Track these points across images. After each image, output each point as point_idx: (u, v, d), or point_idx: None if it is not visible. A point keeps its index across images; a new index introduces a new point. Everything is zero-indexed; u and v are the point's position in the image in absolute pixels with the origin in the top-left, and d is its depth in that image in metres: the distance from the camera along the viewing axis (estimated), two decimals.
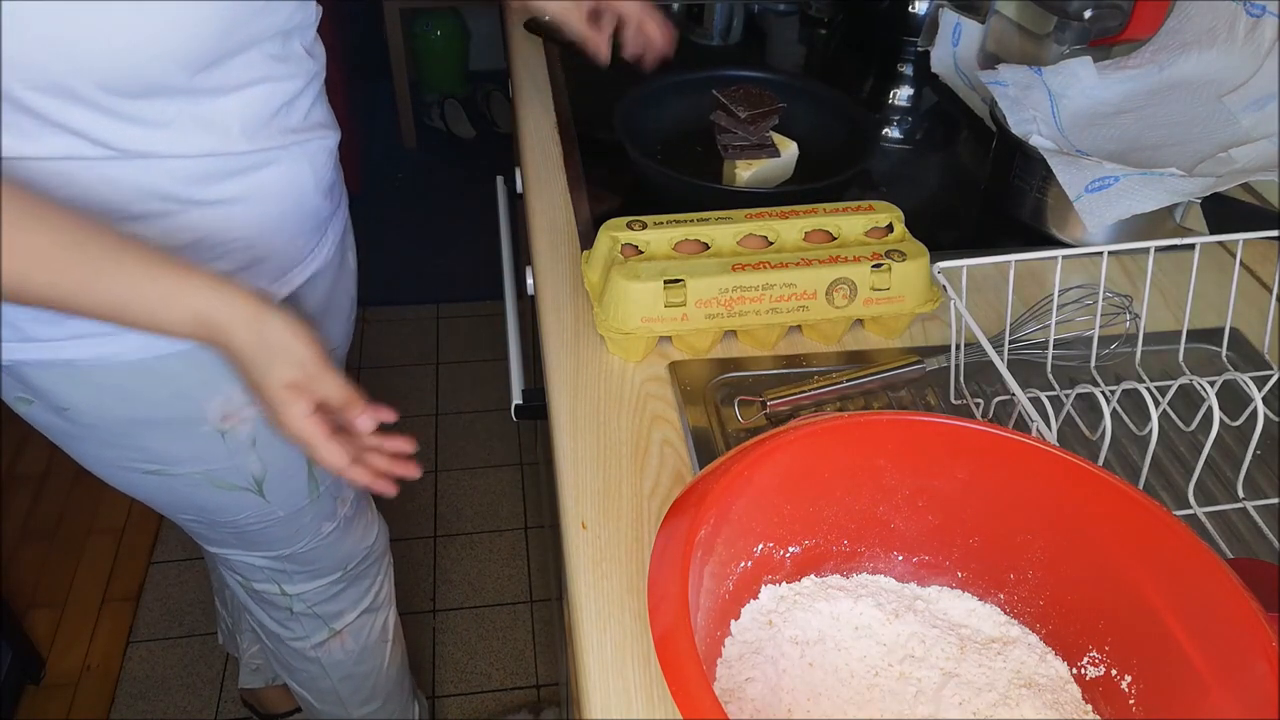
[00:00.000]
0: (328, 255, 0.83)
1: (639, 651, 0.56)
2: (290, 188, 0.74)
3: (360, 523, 1.01)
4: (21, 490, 1.76)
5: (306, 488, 0.89)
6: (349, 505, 0.97)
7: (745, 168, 0.90)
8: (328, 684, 1.12)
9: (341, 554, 1.00)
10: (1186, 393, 0.73)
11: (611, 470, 0.66)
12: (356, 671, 1.12)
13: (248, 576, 0.98)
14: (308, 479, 0.88)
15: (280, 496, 0.87)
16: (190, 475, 0.80)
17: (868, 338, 0.77)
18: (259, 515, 0.87)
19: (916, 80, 1.19)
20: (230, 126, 0.67)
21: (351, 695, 1.14)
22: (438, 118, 2.81)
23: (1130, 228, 0.86)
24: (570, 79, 1.11)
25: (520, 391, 0.90)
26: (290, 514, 0.89)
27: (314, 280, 0.82)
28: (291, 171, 0.73)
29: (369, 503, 1.05)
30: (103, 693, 1.48)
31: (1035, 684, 0.51)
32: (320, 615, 1.04)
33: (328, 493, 0.92)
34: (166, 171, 0.65)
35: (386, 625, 1.14)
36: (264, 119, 0.69)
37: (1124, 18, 0.97)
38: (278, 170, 0.72)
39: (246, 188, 0.70)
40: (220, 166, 0.67)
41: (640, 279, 0.71)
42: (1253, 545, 0.63)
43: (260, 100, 0.68)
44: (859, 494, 0.55)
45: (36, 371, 0.71)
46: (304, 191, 0.75)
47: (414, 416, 1.96)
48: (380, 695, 1.18)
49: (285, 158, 0.72)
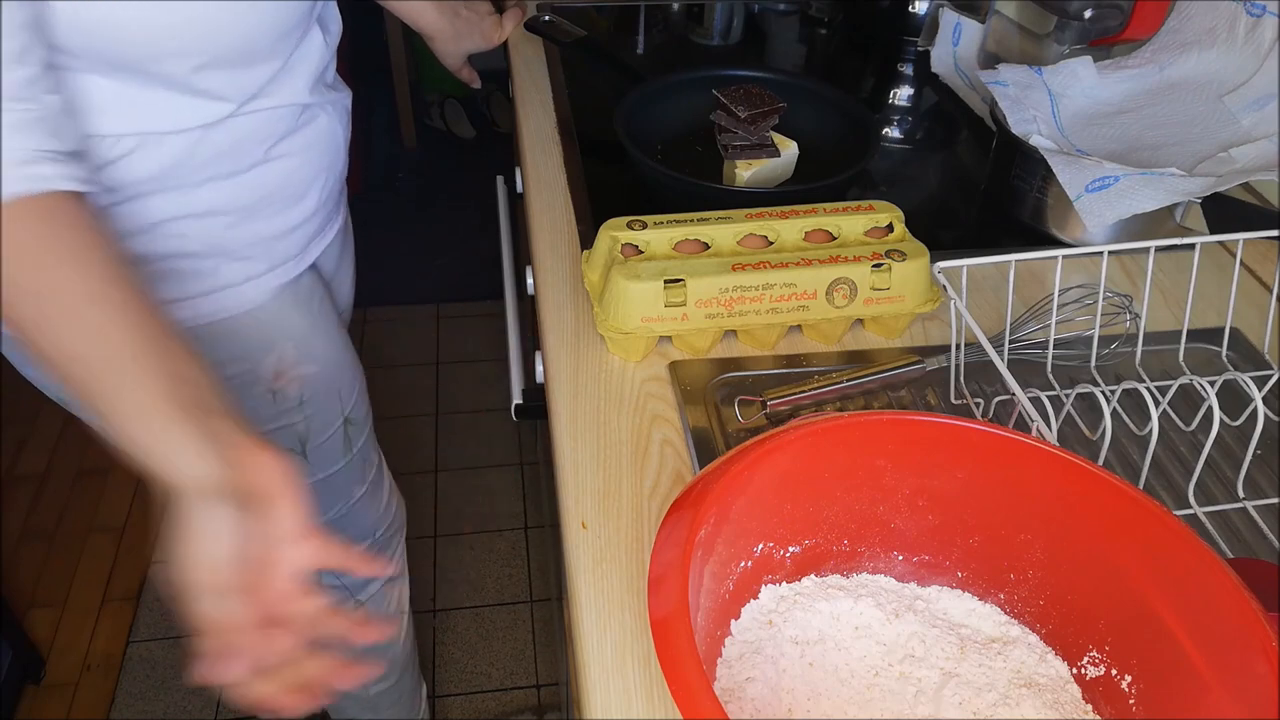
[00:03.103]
0: (345, 213, 0.89)
1: (639, 651, 0.56)
2: (331, 140, 0.79)
3: (384, 489, 1.04)
4: (21, 490, 1.76)
5: (341, 448, 0.91)
6: (374, 469, 1.00)
7: (745, 168, 0.90)
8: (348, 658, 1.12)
9: (369, 521, 1.02)
10: (1186, 393, 0.73)
11: (611, 470, 0.66)
12: (375, 645, 1.13)
13: None
14: (343, 439, 0.91)
15: (319, 457, 0.89)
16: None
17: (868, 338, 0.77)
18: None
19: (916, 80, 1.19)
20: (299, 83, 0.72)
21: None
22: (438, 118, 2.81)
23: (1130, 228, 0.86)
24: (570, 79, 1.11)
25: (520, 391, 0.90)
26: (327, 476, 0.91)
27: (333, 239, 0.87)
28: (331, 125, 0.78)
29: (387, 471, 1.07)
30: (103, 692, 1.48)
31: (1035, 684, 0.51)
32: (347, 586, 1.05)
33: (359, 455, 0.94)
34: (248, 130, 0.69)
35: (403, 597, 1.16)
36: (318, 74, 0.74)
37: (1124, 17, 0.97)
38: (322, 124, 0.77)
39: (302, 142, 0.75)
40: (289, 120, 0.72)
41: (640, 279, 0.71)
42: (1253, 545, 0.63)
43: (315, 55, 0.74)
44: (859, 494, 0.55)
45: None
46: (339, 145, 0.81)
47: (414, 416, 1.96)
48: (396, 670, 1.19)
49: (324, 113, 0.77)
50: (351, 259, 0.97)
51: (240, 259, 0.74)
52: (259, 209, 0.74)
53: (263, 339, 0.78)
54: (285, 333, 0.80)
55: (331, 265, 0.90)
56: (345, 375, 0.89)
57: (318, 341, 0.84)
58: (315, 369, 0.83)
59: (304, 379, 0.83)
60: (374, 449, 1.00)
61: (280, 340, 0.79)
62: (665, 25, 1.31)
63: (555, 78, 1.11)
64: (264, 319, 0.77)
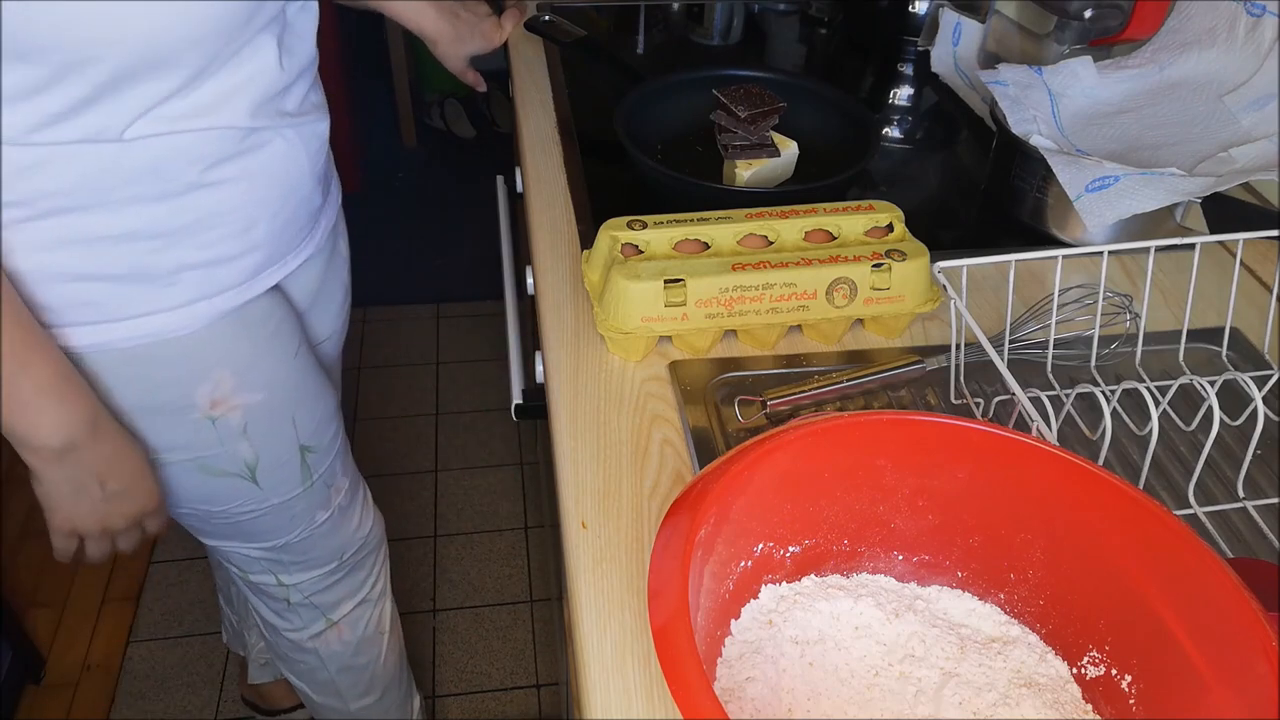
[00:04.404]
0: (319, 243, 0.85)
1: (639, 651, 0.56)
2: (288, 169, 0.75)
3: (355, 512, 1.02)
4: (21, 490, 1.76)
5: (300, 475, 0.89)
6: (343, 494, 0.98)
7: (745, 167, 0.90)
8: (325, 676, 1.12)
9: (337, 544, 1.00)
10: (1186, 392, 0.73)
11: (611, 470, 0.66)
12: (354, 663, 1.12)
13: (244, 568, 0.99)
14: (300, 467, 0.89)
15: (273, 483, 0.87)
16: (182, 463, 0.81)
17: (868, 337, 0.77)
18: (253, 504, 0.88)
19: (916, 80, 1.19)
20: (239, 104, 0.68)
21: (350, 688, 1.15)
22: (438, 118, 2.81)
23: (1130, 227, 0.86)
24: (570, 79, 1.11)
25: (520, 391, 0.90)
26: (284, 502, 0.90)
27: (305, 267, 0.84)
28: (290, 153, 0.74)
29: (364, 493, 1.05)
30: (103, 692, 1.48)
31: (1035, 684, 0.51)
32: (318, 606, 1.04)
33: (321, 481, 0.92)
34: (175, 149, 0.66)
35: (383, 617, 1.14)
36: (266, 97, 0.70)
37: (1124, 17, 0.97)
38: (276, 150, 0.73)
39: (246, 168, 0.71)
40: (229, 143, 0.68)
41: (640, 279, 0.71)
42: (1253, 545, 0.63)
43: (265, 78, 0.69)
44: (859, 493, 0.55)
45: None
46: (299, 174, 0.76)
47: (414, 416, 1.96)
48: (378, 687, 1.18)
49: (280, 140, 0.73)
50: (341, 287, 0.94)
51: (167, 285, 0.71)
52: (191, 235, 0.70)
53: (195, 366, 0.76)
54: (223, 360, 0.76)
55: (308, 293, 0.87)
56: (303, 403, 0.86)
57: (264, 370, 0.80)
58: (260, 397, 0.81)
59: (246, 407, 0.80)
60: (344, 473, 0.97)
61: (216, 368, 0.76)
62: (665, 25, 1.31)
63: (555, 78, 1.11)
64: (195, 347, 0.74)
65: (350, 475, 1.00)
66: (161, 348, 0.73)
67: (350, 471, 1.00)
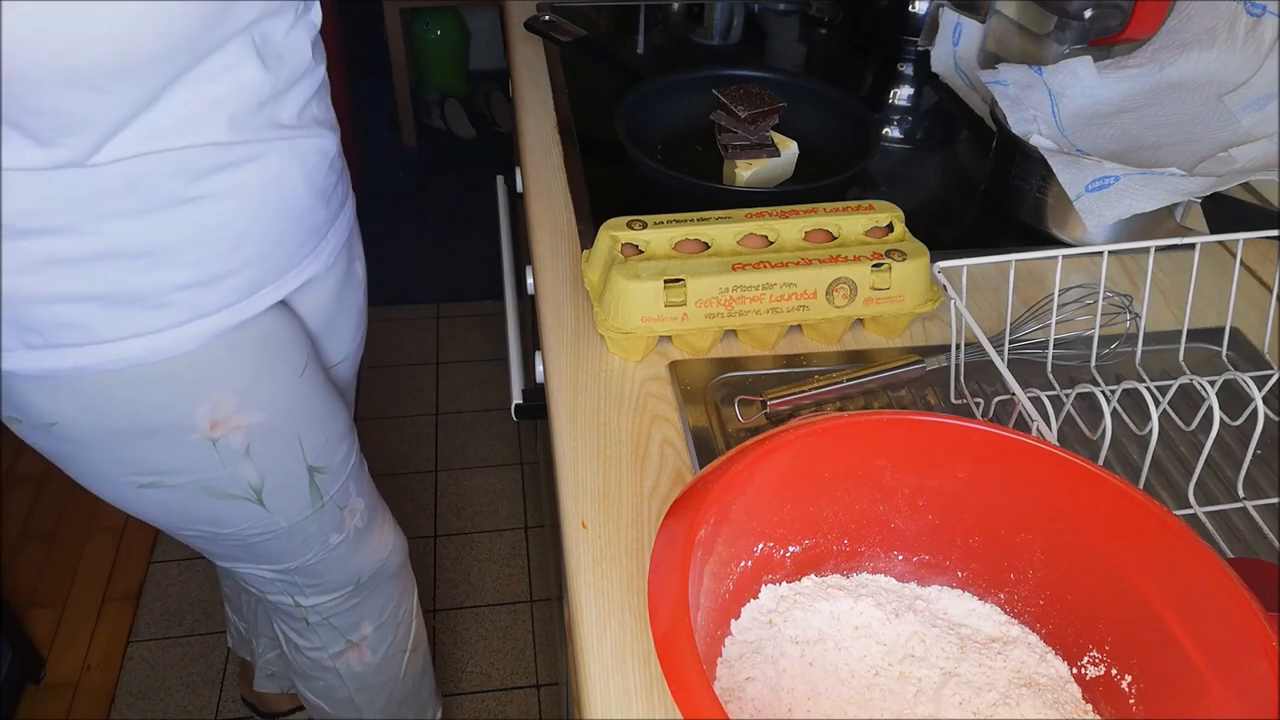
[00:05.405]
0: (326, 262, 0.81)
1: (639, 651, 0.56)
2: (281, 185, 0.72)
3: (374, 536, 0.99)
4: (21, 490, 1.76)
5: (309, 498, 0.87)
6: (359, 517, 0.95)
7: (745, 167, 0.90)
8: (344, 694, 1.10)
9: (353, 568, 0.97)
10: (1187, 392, 0.73)
11: (611, 470, 0.66)
12: (374, 682, 1.10)
13: (261, 589, 0.97)
14: (309, 489, 0.86)
15: (281, 506, 0.85)
16: (186, 486, 0.79)
17: (868, 337, 0.77)
18: (261, 526, 0.86)
19: (916, 80, 1.19)
20: (216, 118, 0.65)
21: (368, 704, 1.13)
22: (438, 118, 2.81)
23: (1130, 227, 0.86)
24: (570, 79, 1.11)
25: (520, 391, 0.90)
26: (293, 525, 0.87)
27: (311, 288, 0.81)
28: (284, 169, 0.71)
29: (385, 516, 1.02)
30: (103, 692, 1.48)
31: (1035, 684, 0.51)
32: (336, 627, 1.02)
33: (333, 503, 0.90)
34: (150, 165, 0.63)
35: (407, 636, 1.12)
36: (249, 110, 0.67)
37: (1124, 17, 0.97)
38: (267, 166, 0.70)
39: (233, 183, 0.68)
40: (211, 158, 0.66)
41: (640, 278, 0.71)
42: (1253, 545, 0.63)
43: (249, 90, 0.66)
44: (859, 493, 0.55)
45: (18, 384, 0.70)
46: (293, 190, 0.73)
47: (414, 416, 1.96)
48: (396, 703, 1.16)
49: (272, 154, 0.70)
50: (356, 310, 0.91)
51: (157, 306, 0.68)
52: (176, 252, 0.67)
53: (192, 387, 0.73)
54: (223, 381, 0.74)
55: (321, 315, 0.85)
56: (310, 423, 0.83)
57: (267, 389, 0.78)
58: (263, 417, 0.78)
59: (248, 428, 0.78)
60: (359, 495, 0.94)
61: (215, 388, 0.74)
62: (665, 25, 1.31)
63: (555, 78, 1.11)
64: (190, 368, 0.72)
65: (367, 496, 0.97)
66: (155, 369, 0.71)
67: (367, 493, 0.97)
